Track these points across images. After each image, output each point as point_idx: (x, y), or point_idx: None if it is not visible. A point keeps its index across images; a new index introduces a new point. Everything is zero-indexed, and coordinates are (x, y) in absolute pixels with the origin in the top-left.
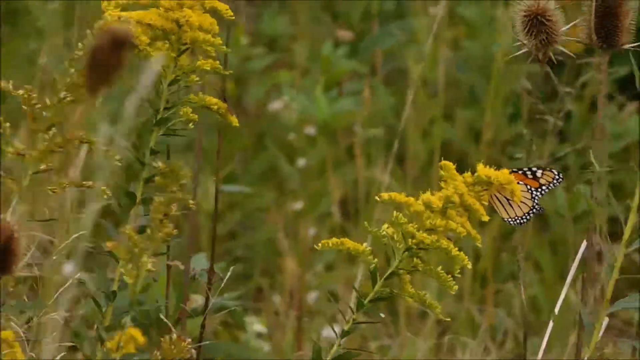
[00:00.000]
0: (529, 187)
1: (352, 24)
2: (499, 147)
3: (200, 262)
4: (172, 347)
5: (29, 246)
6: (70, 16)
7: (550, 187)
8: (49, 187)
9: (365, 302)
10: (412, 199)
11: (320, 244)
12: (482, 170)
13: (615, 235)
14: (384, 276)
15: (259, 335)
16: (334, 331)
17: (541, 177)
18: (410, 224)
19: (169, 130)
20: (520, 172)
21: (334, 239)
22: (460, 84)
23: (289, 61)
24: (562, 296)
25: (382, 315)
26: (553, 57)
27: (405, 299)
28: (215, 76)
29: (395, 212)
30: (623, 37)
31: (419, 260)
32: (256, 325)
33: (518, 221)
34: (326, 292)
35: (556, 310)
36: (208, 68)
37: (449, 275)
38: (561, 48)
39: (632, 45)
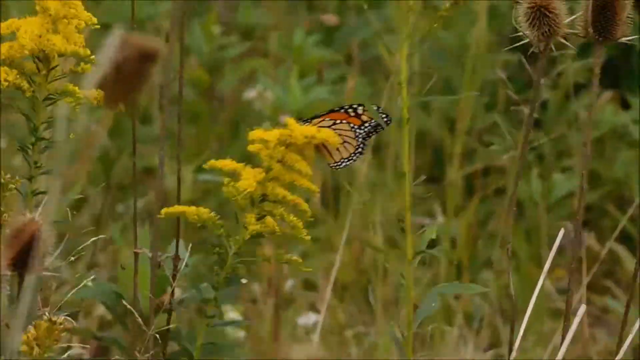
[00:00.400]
0: (352, 125)
1: (328, 14)
2: (474, 135)
3: (180, 250)
4: (47, 330)
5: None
6: None
7: (372, 124)
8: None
9: (221, 277)
10: (240, 166)
11: (162, 212)
12: (288, 128)
13: (590, 223)
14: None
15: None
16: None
17: (363, 114)
18: (241, 196)
19: (50, 143)
20: (342, 110)
21: (177, 207)
22: (436, 73)
23: (263, 50)
24: (540, 284)
25: (244, 281)
26: (554, 49)
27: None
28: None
29: (225, 184)
30: (619, 30)
31: (263, 225)
32: (232, 313)
33: (343, 164)
34: (303, 280)
35: (533, 298)
36: (79, 95)
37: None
38: (562, 40)
39: (628, 38)
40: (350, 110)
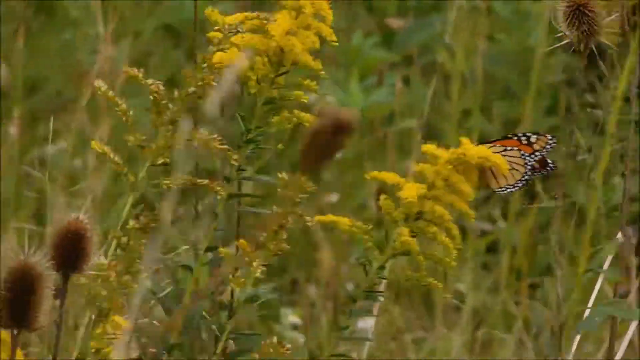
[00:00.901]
0: (522, 152)
1: (387, 17)
2: None
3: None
4: (270, 349)
5: (100, 246)
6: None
7: (543, 153)
8: (164, 182)
9: (360, 291)
10: (402, 180)
11: (313, 220)
12: (462, 147)
13: None
14: (382, 262)
15: (294, 327)
16: None
17: (535, 143)
18: (397, 211)
19: (255, 147)
20: (515, 137)
21: (330, 216)
22: (496, 78)
23: (322, 53)
24: (596, 289)
25: (382, 299)
26: (594, 49)
27: (406, 280)
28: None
29: (382, 198)
30: None
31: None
32: (291, 317)
33: (508, 190)
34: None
35: (590, 303)
36: (306, 99)
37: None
38: (603, 40)
39: None
40: (523, 138)
